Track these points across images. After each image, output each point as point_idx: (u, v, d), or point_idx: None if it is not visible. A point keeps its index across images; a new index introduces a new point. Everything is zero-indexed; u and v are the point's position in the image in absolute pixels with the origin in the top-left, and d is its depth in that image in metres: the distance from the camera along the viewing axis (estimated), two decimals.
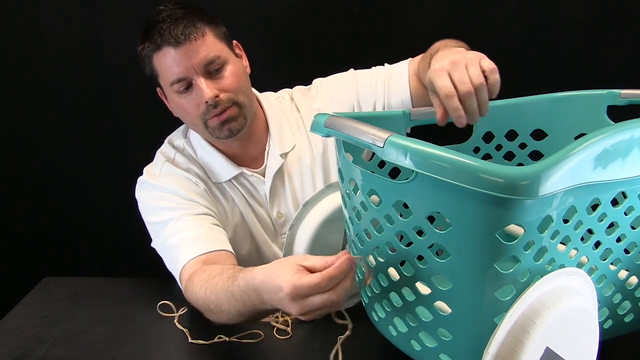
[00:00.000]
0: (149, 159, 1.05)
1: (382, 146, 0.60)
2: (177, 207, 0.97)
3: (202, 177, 1.02)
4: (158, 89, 1.00)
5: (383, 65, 1.07)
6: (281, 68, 1.40)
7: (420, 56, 1.00)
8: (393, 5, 1.36)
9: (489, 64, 0.74)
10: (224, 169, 1.02)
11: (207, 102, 0.93)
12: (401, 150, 0.58)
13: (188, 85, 0.93)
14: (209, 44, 0.93)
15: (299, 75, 1.07)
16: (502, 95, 0.97)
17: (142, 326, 0.96)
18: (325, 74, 1.10)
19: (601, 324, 0.74)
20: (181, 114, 0.99)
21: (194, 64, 0.92)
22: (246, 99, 0.97)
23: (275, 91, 1.10)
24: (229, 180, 1.02)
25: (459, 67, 0.73)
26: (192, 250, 0.92)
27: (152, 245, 1.00)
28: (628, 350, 0.84)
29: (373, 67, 1.05)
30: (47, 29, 1.40)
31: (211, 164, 1.02)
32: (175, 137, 1.06)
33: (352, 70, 1.07)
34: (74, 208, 1.54)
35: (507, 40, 1.37)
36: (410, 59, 1.04)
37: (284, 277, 0.66)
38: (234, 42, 1.01)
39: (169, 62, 0.92)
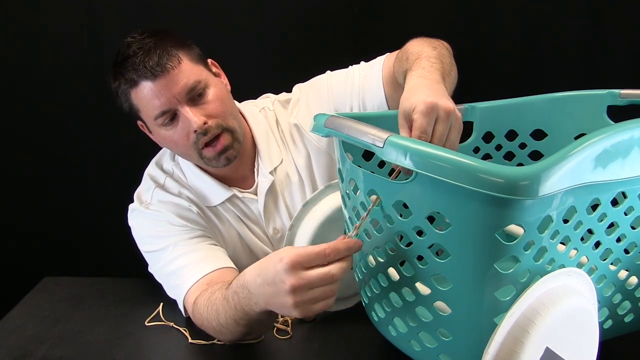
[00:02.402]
0: (149, 159, 1.05)
1: (382, 146, 0.60)
2: (173, 234, 0.96)
3: (194, 201, 1.00)
4: (139, 122, 0.97)
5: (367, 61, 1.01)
6: (281, 68, 1.40)
7: (395, 54, 0.93)
8: (393, 5, 1.36)
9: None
10: (215, 192, 1.00)
11: (196, 130, 0.90)
12: (401, 150, 0.58)
13: (173, 117, 0.90)
14: (187, 70, 0.89)
15: (298, 75, 1.06)
16: (502, 95, 0.98)
17: (142, 326, 0.96)
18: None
19: (601, 324, 0.74)
20: (170, 146, 0.96)
21: (176, 94, 0.88)
22: (235, 122, 0.95)
23: (276, 93, 1.08)
24: (222, 202, 1.01)
25: (441, 118, 0.66)
26: (194, 273, 0.92)
27: (150, 270, 0.99)
28: (628, 350, 0.84)
29: (350, 68, 1.00)
30: (49, 28, 1.40)
31: (202, 189, 1.00)
32: (164, 159, 1.04)
33: (328, 73, 1.02)
34: (74, 208, 1.54)
35: (507, 40, 1.37)
36: (386, 55, 0.98)
37: (284, 250, 0.67)
38: (210, 60, 0.98)
39: (149, 97, 0.88)
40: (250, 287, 0.73)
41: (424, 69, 0.76)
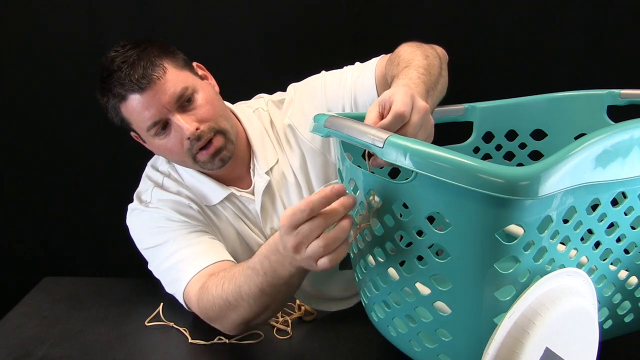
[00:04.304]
0: (149, 159, 1.05)
1: (381, 146, 0.60)
2: (172, 229, 0.96)
3: (193, 199, 1.00)
4: (132, 134, 0.97)
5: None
6: (281, 67, 1.40)
7: (388, 57, 0.93)
8: (393, 5, 1.36)
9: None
10: (213, 192, 1.00)
11: (189, 138, 0.90)
12: (401, 151, 0.58)
13: (164, 126, 0.90)
14: (173, 78, 0.89)
15: (298, 75, 1.06)
16: (502, 95, 0.98)
17: (142, 326, 0.96)
18: None
19: (601, 324, 0.74)
20: (165, 154, 0.97)
21: (165, 104, 0.88)
22: (227, 123, 0.95)
23: (270, 93, 1.08)
24: (220, 201, 1.01)
25: (417, 109, 0.68)
26: (196, 265, 0.92)
27: (149, 267, 0.99)
28: (628, 350, 0.84)
29: (344, 68, 1.00)
30: (49, 28, 1.41)
31: (200, 189, 1.00)
32: (159, 162, 1.04)
33: (322, 73, 1.02)
34: (74, 208, 1.54)
35: (507, 40, 1.37)
36: (381, 57, 0.97)
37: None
38: (195, 63, 0.98)
39: (138, 109, 0.89)
40: (279, 247, 0.72)
41: (411, 79, 0.76)
